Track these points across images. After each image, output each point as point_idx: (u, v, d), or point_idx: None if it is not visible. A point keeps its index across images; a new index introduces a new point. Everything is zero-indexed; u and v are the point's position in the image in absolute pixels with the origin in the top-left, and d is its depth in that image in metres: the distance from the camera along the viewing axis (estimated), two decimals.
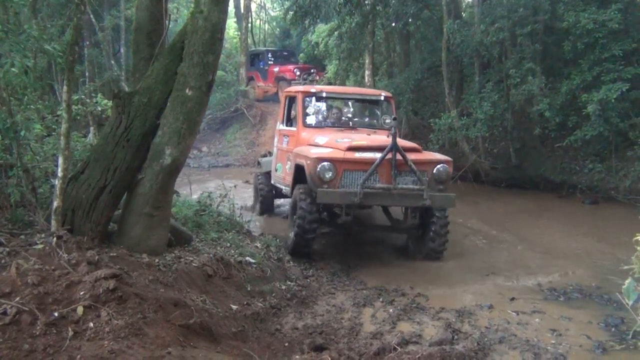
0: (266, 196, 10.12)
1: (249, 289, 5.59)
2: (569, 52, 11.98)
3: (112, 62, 15.95)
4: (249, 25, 25.69)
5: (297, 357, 3.56)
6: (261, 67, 22.63)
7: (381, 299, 6.01)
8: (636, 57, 11.62)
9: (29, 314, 3.48)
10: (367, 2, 16.03)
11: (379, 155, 6.83)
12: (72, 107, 4.92)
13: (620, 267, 2.44)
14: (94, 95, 7.89)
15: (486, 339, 4.97)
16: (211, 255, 5.56)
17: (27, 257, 4.02)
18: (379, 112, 9.17)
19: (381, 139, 7.64)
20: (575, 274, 7.11)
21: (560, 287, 6.59)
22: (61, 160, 4.62)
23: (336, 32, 17.75)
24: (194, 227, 6.55)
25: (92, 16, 14.05)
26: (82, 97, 7.59)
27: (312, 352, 4.06)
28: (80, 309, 3.65)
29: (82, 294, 3.76)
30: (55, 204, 4.58)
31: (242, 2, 25.73)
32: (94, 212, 4.86)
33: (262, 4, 32.45)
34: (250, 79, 23.31)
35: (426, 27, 16.90)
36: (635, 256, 2.16)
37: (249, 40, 25.71)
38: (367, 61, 16.83)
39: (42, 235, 4.48)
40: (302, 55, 21.93)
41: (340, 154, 6.98)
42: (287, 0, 19.93)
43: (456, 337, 5.03)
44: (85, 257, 4.19)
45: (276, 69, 21.53)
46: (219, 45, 5.20)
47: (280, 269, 6.57)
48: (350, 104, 9.40)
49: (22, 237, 4.51)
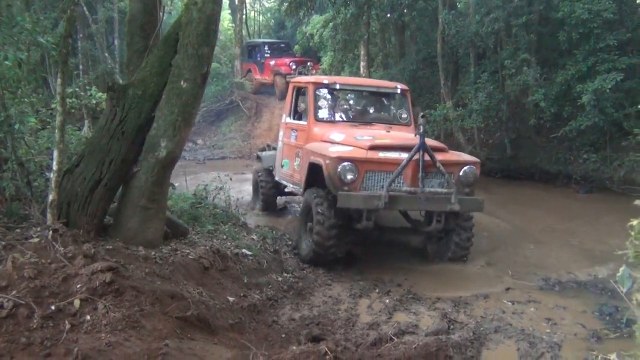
0: (268, 193, 9.53)
1: (246, 281, 5.60)
2: (564, 43, 11.97)
3: (106, 54, 15.87)
4: (244, 16, 25.58)
5: (294, 347, 3.57)
6: (258, 59, 22.45)
7: (377, 290, 6.04)
8: (631, 47, 11.64)
9: (25, 307, 3.48)
10: None
11: (403, 155, 6.30)
12: (66, 100, 4.90)
13: (614, 252, 2.44)
14: (88, 88, 7.87)
15: (482, 329, 5.00)
16: (207, 247, 5.57)
17: (23, 250, 4.02)
18: (394, 106, 8.47)
19: (404, 136, 7.12)
20: (570, 263, 7.16)
21: (555, 277, 6.63)
22: (56, 153, 4.61)
23: (331, 23, 17.70)
24: (190, 220, 6.56)
25: (85, 8, 13.94)
26: (77, 90, 7.56)
27: (309, 342, 4.07)
28: (77, 302, 3.65)
29: (78, 287, 3.77)
30: (50, 198, 4.58)
31: None
32: (89, 205, 4.85)
33: None
34: (248, 71, 23.13)
35: (421, 17, 16.87)
36: (629, 241, 2.17)
37: (244, 32, 25.59)
38: (362, 52, 16.78)
39: (38, 228, 4.47)
40: (297, 47, 21.84)
41: (362, 154, 6.38)
42: None
43: (452, 326, 5.07)
44: (81, 250, 4.19)
45: (272, 62, 21.35)
46: (214, 36, 5.18)
47: (276, 260, 6.59)
48: (364, 97, 8.60)
49: (18, 230, 4.50)
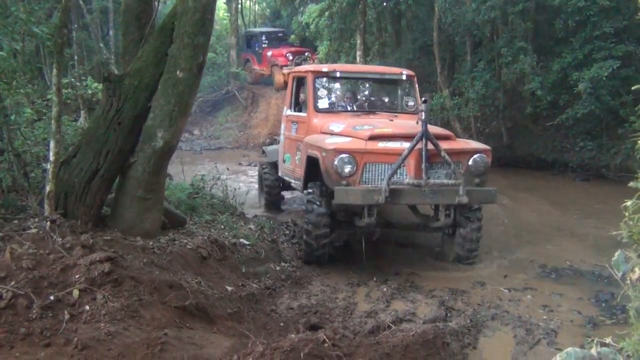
0: (272, 190, 8.98)
1: (244, 271, 5.62)
2: (561, 30, 11.95)
3: (101, 45, 15.75)
4: (239, 6, 25.39)
5: (292, 336, 3.58)
6: (256, 49, 22.23)
7: (375, 279, 6.06)
8: (627, 34, 11.61)
9: (24, 297, 3.50)
10: None
11: (406, 144, 5.78)
12: (62, 90, 4.89)
13: (611, 239, 2.46)
14: (83, 78, 7.82)
15: (479, 316, 5.04)
16: (205, 237, 5.59)
17: (21, 241, 4.03)
18: (400, 94, 7.90)
19: (407, 124, 6.50)
20: (566, 250, 7.19)
21: (551, 264, 6.66)
22: (53, 144, 4.60)
23: (327, 12, 17.58)
24: (187, 210, 6.56)
25: None
26: (72, 80, 7.52)
27: (308, 331, 4.09)
28: (76, 292, 3.67)
29: (77, 277, 3.78)
30: (47, 188, 4.58)
31: None
32: (86, 196, 4.85)
33: None
34: (246, 61, 22.92)
35: (417, 6, 16.75)
36: (623, 222, 2.19)
37: (239, 21, 25.43)
38: (358, 41, 16.70)
39: (36, 219, 4.48)
40: (293, 36, 21.70)
41: (361, 144, 5.90)
42: None
43: (449, 314, 5.10)
44: (79, 240, 4.20)
45: (269, 53, 21.11)
46: (209, 26, 5.17)
47: (274, 250, 6.61)
48: (367, 85, 8.11)
49: (15, 222, 4.51)
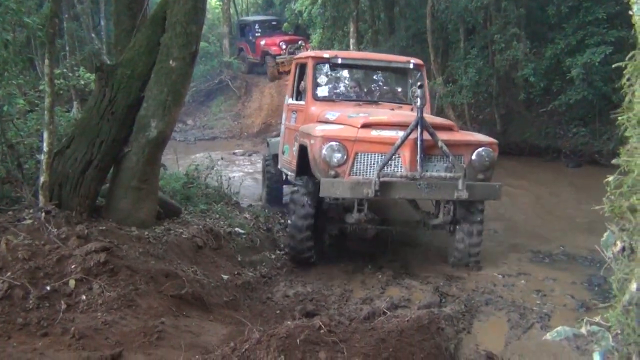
0: (273, 183, 8.39)
1: (239, 259, 5.65)
2: (553, 16, 11.94)
3: (93, 35, 15.63)
4: None
5: (288, 322, 3.61)
6: (250, 38, 22.04)
7: (370, 266, 6.09)
8: (620, 19, 11.61)
9: (21, 288, 3.51)
10: None
11: (402, 134, 5.36)
12: (54, 81, 4.87)
13: (603, 224, 2.49)
14: (75, 69, 7.78)
15: (473, 301, 5.08)
16: (200, 226, 5.60)
17: (17, 232, 4.03)
18: (407, 84, 7.37)
19: (405, 113, 6.24)
20: (560, 236, 7.25)
21: (545, 249, 6.72)
22: (46, 134, 4.59)
23: (320, 0, 17.52)
24: (182, 200, 6.57)
25: None
26: (64, 70, 7.48)
27: (304, 318, 4.13)
28: (72, 282, 3.68)
29: (73, 267, 3.79)
30: (42, 179, 4.57)
31: None
32: (81, 186, 4.85)
33: None
34: (240, 50, 22.75)
35: None
36: (605, 197, 2.23)
37: (232, 10, 25.26)
38: (351, 29, 16.64)
39: (30, 210, 4.48)
40: (286, 25, 21.57)
41: (352, 132, 5.49)
42: None
43: (444, 300, 5.15)
44: (74, 231, 4.21)
45: (263, 42, 20.93)
46: (202, 14, 5.15)
47: (269, 238, 6.63)
48: (371, 73, 7.59)
49: (10, 213, 4.50)
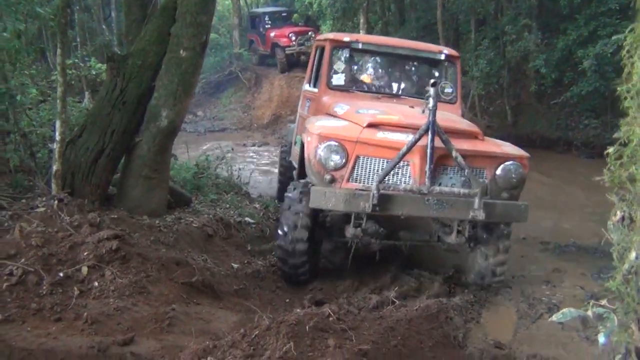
0: (284, 175, 7.59)
1: (249, 249, 5.68)
2: (565, 7, 11.85)
3: (103, 26, 15.70)
4: None
5: (298, 310, 3.65)
6: (260, 30, 21.95)
7: (378, 257, 6.09)
8: (632, 10, 11.48)
9: (34, 274, 3.57)
10: None
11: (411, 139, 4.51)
12: (66, 70, 4.91)
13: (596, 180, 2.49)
14: (87, 59, 7.84)
15: (482, 292, 5.08)
16: (211, 215, 5.64)
17: (30, 220, 4.09)
18: (435, 77, 6.28)
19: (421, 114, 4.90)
20: (570, 227, 7.23)
21: (555, 240, 6.70)
22: (58, 124, 4.65)
23: None
24: (192, 189, 6.62)
25: None
26: (76, 61, 7.53)
27: (313, 306, 4.15)
28: (84, 269, 3.74)
29: (85, 254, 3.85)
30: (54, 168, 4.63)
31: None
32: (93, 175, 4.91)
33: None
34: (251, 42, 22.70)
35: None
36: (606, 168, 2.24)
37: (242, 1, 25.24)
38: (361, 20, 16.59)
39: (43, 198, 4.54)
40: (296, 15, 21.49)
41: (354, 131, 4.68)
42: None
43: (453, 290, 5.15)
44: (86, 219, 4.26)
45: (272, 34, 20.82)
46: (212, 4, 5.17)
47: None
48: (394, 62, 6.60)
49: (24, 201, 4.57)
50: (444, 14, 13.81)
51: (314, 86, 6.41)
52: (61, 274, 3.65)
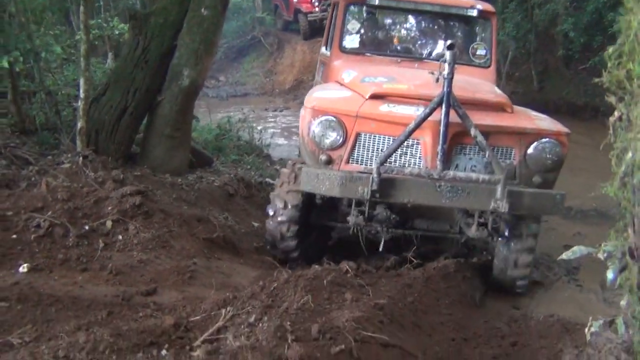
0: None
1: None
2: None
3: None
4: None
5: (316, 266, 3.71)
6: None
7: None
8: None
9: (61, 227, 3.67)
10: None
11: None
12: (89, 28, 4.94)
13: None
14: (109, 19, 7.86)
15: None
16: (232, 175, 5.71)
17: (56, 175, 4.19)
18: (466, 37, 5.57)
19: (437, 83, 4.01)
20: (593, 193, 7.14)
21: (576, 205, 6.65)
22: (82, 81, 4.71)
23: None
24: (214, 151, 6.68)
25: None
26: (99, 21, 7.56)
27: (332, 263, 4.21)
28: (109, 223, 3.83)
29: (109, 209, 3.94)
30: (79, 125, 4.72)
31: None
32: (116, 133, 4.99)
33: None
34: (276, 7, 22.37)
35: None
36: (607, 71, 2.21)
37: None
38: None
39: (69, 155, 4.64)
40: None
41: (355, 104, 3.97)
42: None
43: (472, 251, 5.16)
44: (110, 175, 4.35)
45: (295, 0, 20.43)
46: None
47: None
48: (418, 21, 5.76)
49: (50, 157, 4.67)
50: None
51: (328, 49, 5.64)
52: (86, 227, 3.74)
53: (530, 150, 3.98)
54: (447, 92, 3.65)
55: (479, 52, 5.34)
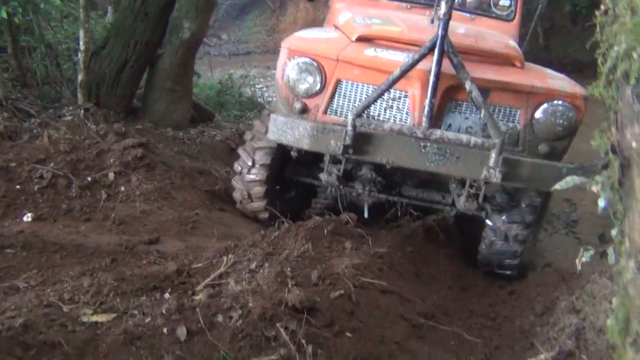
0: None
1: None
2: None
3: None
4: None
5: (317, 217, 3.74)
6: None
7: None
8: None
9: (64, 178, 3.71)
10: None
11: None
12: None
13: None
14: None
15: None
16: (234, 130, 5.71)
17: (58, 127, 4.21)
18: None
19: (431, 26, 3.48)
20: (595, 150, 7.13)
21: (578, 161, 6.62)
22: (82, 33, 4.67)
23: None
24: (216, 106, 6.66)
25: None
26: None
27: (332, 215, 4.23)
28: (111, 175, 3.86)
29: (112, 161, 3.97)
30: (80, 78, 4.70)
31: None
32: (117, 86, 4.97)
33: None
34: None
35: None
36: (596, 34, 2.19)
37: None
38: None
39: (70, 108, 4.63)
40: None
41: (337, 46, 3.43)
42: None
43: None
44: (112, 128, 4.36)
45: None
46: None
47: None
48: None
49: (51, 110, 4.67)
50: None
51: None
52: (89, 179, 3.77)
53: (538, 113, 3.38)
54: (441, 36, 3.03)
55: (501, 3, 4.61)
